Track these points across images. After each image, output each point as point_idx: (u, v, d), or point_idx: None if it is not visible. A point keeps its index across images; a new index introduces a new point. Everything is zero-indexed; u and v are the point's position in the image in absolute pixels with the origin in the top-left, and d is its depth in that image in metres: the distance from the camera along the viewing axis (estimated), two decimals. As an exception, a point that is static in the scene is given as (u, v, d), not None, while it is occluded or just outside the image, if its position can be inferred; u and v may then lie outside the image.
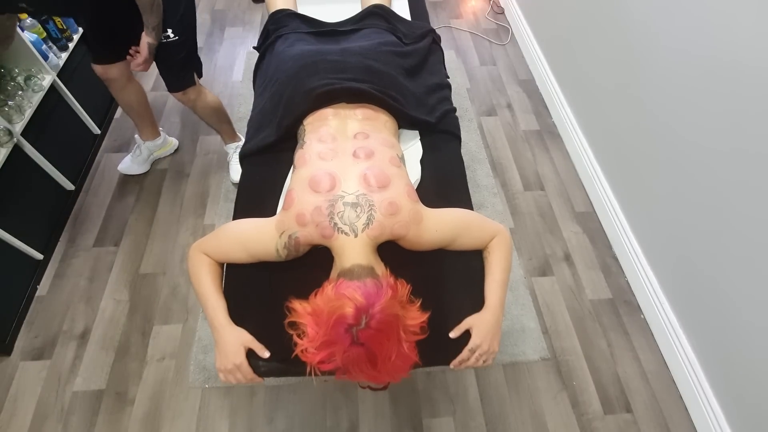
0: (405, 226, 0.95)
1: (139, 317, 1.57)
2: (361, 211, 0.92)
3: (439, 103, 1.33)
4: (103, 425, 1.36)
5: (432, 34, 1.49)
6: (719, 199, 1.27)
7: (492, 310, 0.97)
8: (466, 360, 0.95)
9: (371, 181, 0.96)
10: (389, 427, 1.37)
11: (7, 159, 1.48)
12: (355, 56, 1.24)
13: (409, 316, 0.80)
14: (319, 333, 0.75)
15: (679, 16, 1.37)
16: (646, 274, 1.61)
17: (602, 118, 1.86)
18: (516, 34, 2.66)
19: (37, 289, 1.62)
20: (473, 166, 1.99)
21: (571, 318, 1.61)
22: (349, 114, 1.15)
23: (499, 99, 2.34)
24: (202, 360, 1.45)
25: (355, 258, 0.90)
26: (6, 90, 1.55)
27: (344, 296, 0.76)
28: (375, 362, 0.74)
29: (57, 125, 1.79)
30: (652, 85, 1.51)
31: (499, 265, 1.01)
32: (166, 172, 1.98)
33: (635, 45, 1.59)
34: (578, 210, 1.91)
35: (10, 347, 1.49)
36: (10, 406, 1.38)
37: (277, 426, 1.37)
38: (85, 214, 1.83)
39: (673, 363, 1.49)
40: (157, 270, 1.68)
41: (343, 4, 1.59)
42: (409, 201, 0.97)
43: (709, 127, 1.29)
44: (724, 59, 1.21)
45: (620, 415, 1.42)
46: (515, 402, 1.43)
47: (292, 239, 0.94)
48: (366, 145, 1.04)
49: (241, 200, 1.19)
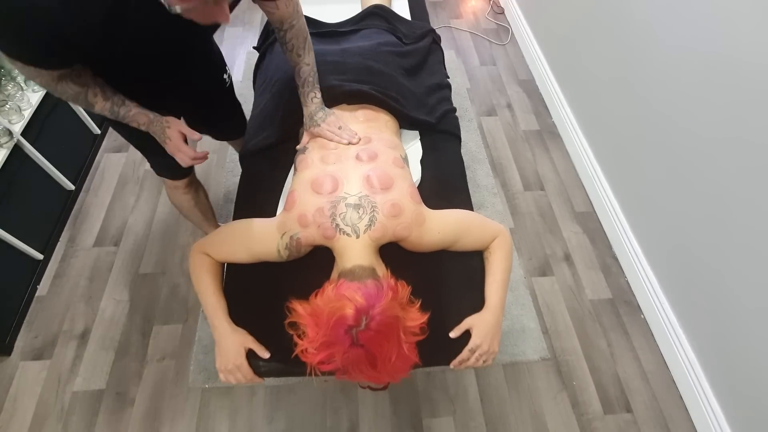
0: (407, 228, 0.95)
1: (139, 317, 1.57)
2: (364, 212, 0.93)
3: (439, 103, 1.33)
4: (103, 425, 1.36)
5: (432, 34, 1.49)
6: (719, 200, 1.27)
7: (492, 310, 0.97)
8: (466, 360, 0.95)
9: (374, 182, 0.96)
10: (389, 427, 1.38)
11: (7, 159, 1.48)
12: (355, 57, 1.24)
13: (410, 317, 0.80)
14: (319, 334, 0.75)
15: (679, 16, 1.37)
16: (646, 274, 1.61)
17: (602, 118, 1.86)
18: (516, 34, 2.65)
19: (37, 289, 1.62)
20: (473, 166, 1.99)
21: (571, 318, 1.61)
22: (350, 116, 1.15)
23: (499, 99, 2.34)
24: (202, 360, 1.45)
25: (356, 259, 0.90)
26: (6, 90, 1.55)
27: (344, 297, 0.76)
28: (375, 363, 0.74)
29: (57, 125, 1.79)
30: (652, 85, 1.51)
31: (500, 266, 1.01)
32: (166, 172, 1.98)
33: (635, 44, 1.59)
34: (578, 210, 1.91)
35: (10, 347, 1.49)
36: (10, 406, 1.38)
37: (277, 426, 1.37)
38: (85, 214, 1.83)
39: (673, 363, 1.49)
40: (157, 270, 1.68)
41: (343, 5, 1.59)
42: (411, 203, 0.97)
43: (709, 127, 1.28)
44: (727, 59, 1.21)
45: (620, 415, 1.42)
46: (515, 402, 1.43)
47: (293, 240, 0.94)
48: (369, 148, 1.04)
49: (241, 200, 1.19)
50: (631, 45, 1.61)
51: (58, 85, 0.86)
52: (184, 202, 1.40)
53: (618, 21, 1.68)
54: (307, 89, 1.10)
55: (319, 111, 1.11)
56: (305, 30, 1.04)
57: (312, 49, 1.08)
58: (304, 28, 1.04)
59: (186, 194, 1.37)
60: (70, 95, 0.89)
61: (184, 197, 1.38)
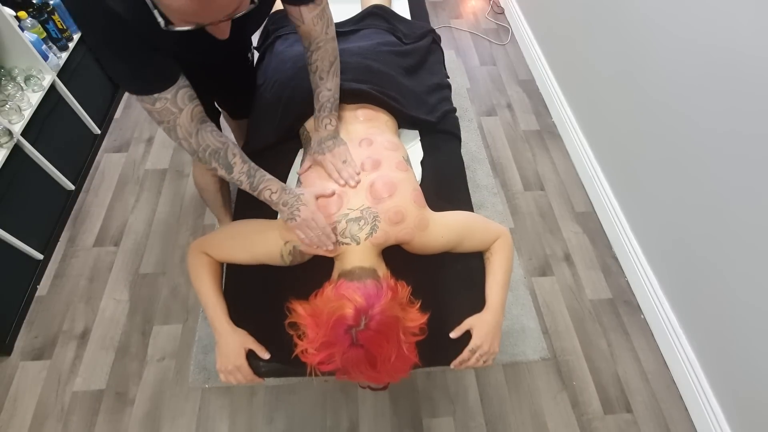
0: (410, 233, 0.95)
1: (139, 317, 1.57)
2: (365, 223, 0.93)
3: (439, 103, 1.33)
4: (103, 425, 1.36)
5: (432, 34, 1.49)
6: (719, 200, 1.27)
7: (493, 310, 0.97)
8: (467, 360, 0.95)
9: (378, 190, 0.96)
10: (389, 427, 1.38)
11: (7, 159, 1.48)
12: (355, 56, 1.24)
13: (409, 317, 0.80)
14: (319, 334, 0.75)
15: (680, 17, 1.37)
16: (646, 274, 1.61)
17: (602, 118, 1.86)
18: (516, 34, 2.65)
19: (37, 289, 1.62)
20: (473, 166, 1.99)
21: (571, 318, 1.61)
22: (350, 116, 1.15)
23: (499, 99, 2.34)
24: (202, 360, 1.45)
25: (357, 261, 0.90)
26: (6, 90, 1.55)
27: (344, 297, 0.76)
28: (374, 363, 0.74)
29: (57, 125, 1.79)
30: (652, 85, 1.51)
31: (501, 267, 1.01)
32: (166, 172, 1.98)
33: (635, 44, 1.59)
34: (578, 210, 1.91)
35: (10, 347, 1.48)
36: (10, 406, 1.38)
37: (277, 426, 1.37)
38: (85, 214, 1.83)
39: (673, 363, 1.49)
40: (157, 270, 1.68)
41: (343, 4, 1.59)
42: (414, 207, 0.97)
43: (710, 127, 1.28)
44: (728, 60, 1.21)
45: (620, 415, 1.42)
46: (515, 402, 1.43)
47: (297, 249, 0.94)
48: (372, 154, 1.04)
49: (241, 200, 1.19)
50: (631, 45, 1.61)
51: (199, 135, 0.84)
52: (211, 184, 1.41)
53: (618, 21, 1.68)
54: (323, 114, 1.04)
55: (329, 139, 1.04)
56: (333, 55, 0.98)
57: (338, 75, 1.02)
58: (332, 53, 0.98)
59: (214, 176, 1.38)
60: (211, 150, 0.86)
61: (211, 179, 1.39)
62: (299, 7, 0.90)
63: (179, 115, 0.81)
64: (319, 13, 0.91)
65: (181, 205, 1.87)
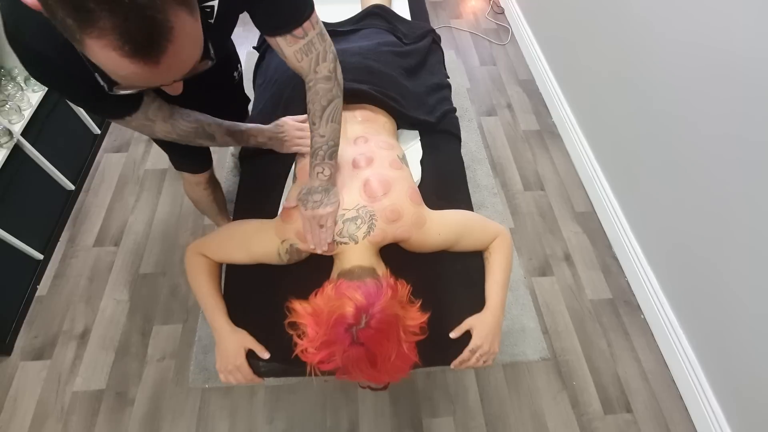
0: (407, 231, 0.95)
1: (139, 317, 1.57)
2: (362, 222, 0.93)
3: (439, 103, 1.33)
4: (103, 425, 1.36)
5: (432, 34, 1.49)
6: (719, 200, 1.27)
7: (492, 310, 0.97)
8: (467, 360, 0.95)
9: (372, 188, 0.95)
10: (389, 427, 1.37)
11: (7, 159, 1.48)
12: (354, 56, 1.24)
13: (409, 316, 0.80)
14: (319, 333, 0.75)
15: (680, 17, 1.37)
16: (646, 274, 1.61)
17: (602, 118, 1.86)
18: (516, 34, 2.65)
19: (37, 289, 1.62)
20: (473, 166, 1.99)
21: (571, 318, 1.61)
22: (348, 116, 1.15)
23: (499, 99, 2.34)
24: (202, 360, 1.45)
25: (356, 260, 0.90)
26: (6, 90, 1.55)
27: (344, 296, 0.76)
28: (375, 362, 0.74)
29: (57, 125, 1.79)
30: (652, 84, 1.51)
31: (500, 266, 1.01)
32: (166, 171, 1.98)
33: (635, 44, 1.59)
34: (578, 210, 1.91)
35: (10, 347, 1.48)
36: (10, 406, 1.38)
37: (277, 426, 1.37)
38: (85, 214, 1.83)
39: (673, 363, 1.49)
40: (157, 270, 1.68)
41: (343, 5, 1.59)
42: (411, 205, 0.97)
43: (710, 127, 1.28)
44: (728, 60, 1.21)
45: (620, 415, 1.42)
46: (515, 402, 1.43)
47: (293, 247, 0.94)
48: (366, 151, 1.03)
49: (241, 200, 1.19)
50: (631, 45, 1.61)
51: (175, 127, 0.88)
52: (203, 198, 1.41)
53: (618, 21, 1.68)
54: (315, 161, 0.91)
55: (319, 192, 0.91)
56: (327, 99, 0.87)
57: (335, 121, 0.90)
58: (325, 96, 0.86)
59: (205, 189, 1.38)
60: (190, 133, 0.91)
61: (203, 192, 1.39)
62: (275, 37, 0.79)
63: (154, 125, 0.86)
64: (302, 48, 0.80)
65: (181, 205, 1.87)
